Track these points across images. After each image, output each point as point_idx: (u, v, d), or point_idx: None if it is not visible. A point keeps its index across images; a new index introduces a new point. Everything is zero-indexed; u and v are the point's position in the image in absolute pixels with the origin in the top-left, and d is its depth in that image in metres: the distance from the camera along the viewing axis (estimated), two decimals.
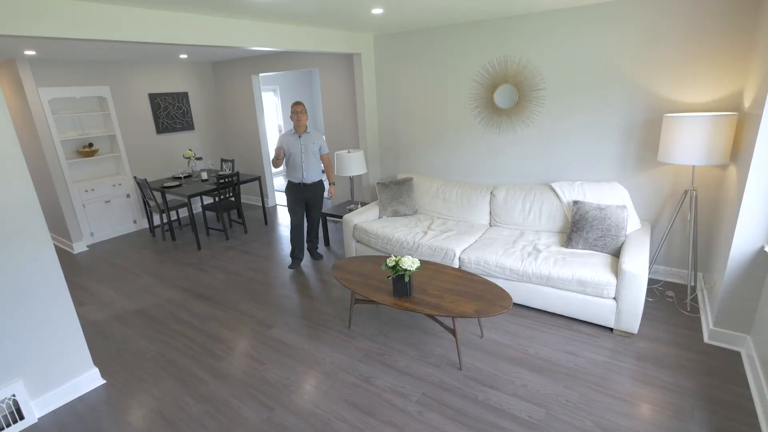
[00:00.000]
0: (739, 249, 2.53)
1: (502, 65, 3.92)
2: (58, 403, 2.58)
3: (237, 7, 2.85)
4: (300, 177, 4.04)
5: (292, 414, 2.39)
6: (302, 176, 4.03)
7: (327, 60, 5.26)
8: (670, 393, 2.37)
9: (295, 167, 4.03)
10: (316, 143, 4.03)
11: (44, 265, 2.43)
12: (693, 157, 2.86)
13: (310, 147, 4.00)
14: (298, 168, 4.02)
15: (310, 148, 3.99)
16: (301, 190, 4.09)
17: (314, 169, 4.08)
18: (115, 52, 4.71)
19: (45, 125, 4.90)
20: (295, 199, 4.12)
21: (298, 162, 4.00)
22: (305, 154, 3.98)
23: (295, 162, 4.01)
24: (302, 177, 4.03)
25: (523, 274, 3.16)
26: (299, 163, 4.00)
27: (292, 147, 3.97)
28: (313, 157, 4.03)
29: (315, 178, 4.11)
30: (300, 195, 4.11)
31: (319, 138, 4.07)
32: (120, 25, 2.63)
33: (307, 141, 3.98)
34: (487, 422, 2.24)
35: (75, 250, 5.26)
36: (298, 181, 4.06)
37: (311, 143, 4.00)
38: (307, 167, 4.02)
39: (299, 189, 4.09)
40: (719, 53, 2.98)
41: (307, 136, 3.99)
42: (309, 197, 4.15)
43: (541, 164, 3.97)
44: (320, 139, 4.08)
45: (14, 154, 2.27)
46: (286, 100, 8.85)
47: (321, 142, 4.08)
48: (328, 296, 3.74)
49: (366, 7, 3.09)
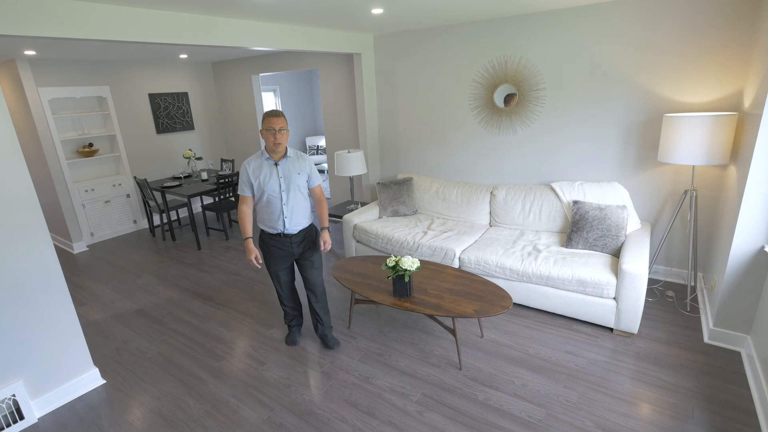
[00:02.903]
0: (739, 249, 2.53)
1: (502, 65, 3.92)
2: (58, 403, 2.58)
3: (237, 7, 2.85)
4: (280, 225, 2.64)
5: (292, 414, 2.39)
6: (284, 224, 2.64)
7: (327, 60, 5.26)
8: (670, 393, 2.37)
9: (271, 211, 2.63)
10: (302, 173, 2.66)
11: (44, 265, 2.43)
12: (693, 157, 2.86)
13: (294, 179, 2.61)
14: (275, 212, 2.62)
15: (293, 181, 2.61)
16: (283, 244, 2.71)
17: (301, 212, 2.70)
18: (115, 52, 4.71)
19: (45, 125, 4.90)
20: (277, 259, 2.75)
21: (276, 203, 2.60)
22: (287, 191, 2.61)
23: (271, 203, 2.61)
24: (284, 225, 2.64)
25: (523, 274, 3.16)
26: (277, 204, 2.61)
27: (267, 180, 2.57)
28: (299, 194, 2.66)
29: (303, 224, 2.72)
30: (283, 252, 2.73)
31: (306, 164, 2.70)
32: (120, 25, 2.63)
33: (288, 170, 2.61)
34: (487, 422, 2.24)
35: (75, 250, 5.26)
36: (276, 231, 2.67)
37: (295, 173, 2.62)
38: (292, 210, 2.64)
39: (280, 243, 2.71)
40: (719, 53, 2.98)
41: (287, 163, 2.62)
42: (298, 252, 2.77)
43: (541, 164, 3.97)
44: (308, 166, 2.71)
45: (14, 154, 2.27)
46: (286, 100, 8.80)
47: (309, 169, 2.71)
48: (328, 296, 3.74)
49: (366, 7, 3.09)
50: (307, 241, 2.78)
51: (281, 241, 2.70)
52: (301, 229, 2.72)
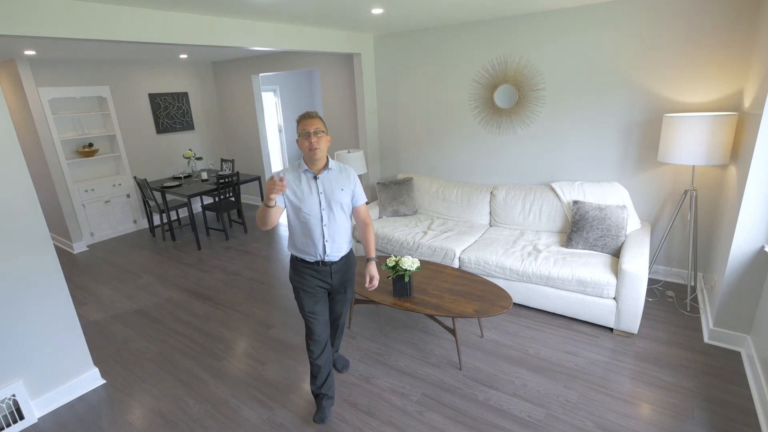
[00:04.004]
0: (739, 249, 2.53)
1: (502, 65, 3.92)
2: (58, 403, 2.58)
3: (237, 7, 2.85)
4: (320, 251, 2.16)
5: (292, 414, 2.39)
6: (323, 250, 2.15)
7: (327, 60, 5.26)
8: (670, 393, 2.37)
9: (309, 234, 2.14)
10: (346, 188, 2.17)
11: (44, 265, 2.43)
12: (693, 157, 2.86)
13: (336, 196, 2.13)
14: (315, 235, 2.13)
15: (336, 198, 2.12)
16: (321, 274, 2.21)
17: (344, 235, 2.21)
18: (115, 52, 4.71)
19: (45, 125, 4.90)
20: (313, 293, 2.23)
21: (315, 224, 2.11)
22: (328, 209, 2.12)
23: (309, 224, 2.12)
24: (323, 251, 2.16)
25: (523, 274, 3.16)
26: (317, 226, 2.12)
27: (303, 197, 2.10)
28: (341, 214, 2.17)
29: (345, 248, 2.25)
30: (320, 282, 2.23)
31: (351, 178, 2.21)
32: (120, 25, 2.63)
33: (330, 185, 2.13)
34: (487, 422, 2.24)
35: (75, 250, 5.26)
36: (315, 258, 2.18)
37: (338, 188, 2.13)
38: (334, 232, 2.15)
39: (319, 273, 2.20)
40: (719, 53, 2.98)
41: (329, 176, 2.14)
42: (336, 284, 2.28)
43: (541, 164, 3.97)
44: (352, 181, 2.21)
45: (14, 154, 2.27)
46: (286, 100, 8.79)
47: (354, 185, 2.21)
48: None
49: (366, 7, 3.09)
50: (344, 271, 2.29)
51: (320, 270, 2.20)
52: (343, 255, 2.24)
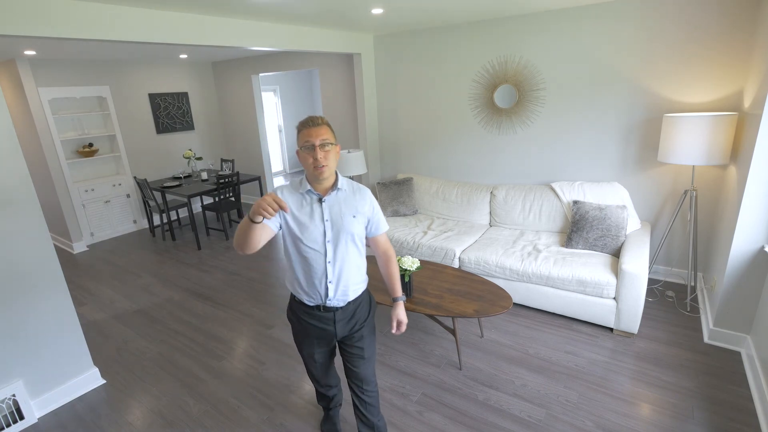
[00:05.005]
0: (739, 249, 2.53)
1: (502, 65, 3.92)
2: (58, 403, 2.58)
3: (237, 7, 2.85)
4: (321, 292, 1.69)
5: (292, 414, 2.39)
6: (326, 291, 1.68)
7: (327, 60, 5.26)
8: (670, 393, 2.37)
9: (308, 270, 1.67)
10: (359, 215, 1.68)
11: (44, 265, 2.43)
12: (693, 157, 2.86)
13: (347, 224, 1.64)
14: (315, 272, 1.66)
15: (345, 227, 1.64)
16: (322, 320, 1.75)
17: (354, 274, 1.72)
18: (115, 52, 4.71)
19: (45, 125, 4.89)
20: (311, 339, 1.83)
21: (317, 259, 1.64)
22: (335, 241, 1.64)
23: (308, 258, 1.65)
24: (325, 293, 1.68)
25: (523, 274, 3.16)
26: (319, 261, 1.65)
27: (305, 223, 1.62)
28: (352, 248, 1.68)
29: (356, 291, 1.75)
30: (319, 332, 1.78)
31: (367, 202, 1.73)
32: (120, 25, 2.63)
33: (339, 210, 1.65)
34: (487, 422, 2.24)
35: (75, 250, 5.26)
36: (315, 302, 1.72)
37: (349, 215, 1.65)
38: (340, 271, 1.67)
39: (318, 319, 1.75)
40: (719, 53, 2.98)
41: (338, 198, 1.66)
42: (343, 333, 1.78)
43: (541, 164, 3.97)
44: (368, 205, 1.73)
45: (14, 154, 2.27)
46: (286, 100, 8.79)
47: (371, 210, 1.74)
48: None
49: (366, 7, 3.09)
50: (359, 318, 1.79)
51: (320, 316, 1.73)
52: (351, 300, 1.74)
